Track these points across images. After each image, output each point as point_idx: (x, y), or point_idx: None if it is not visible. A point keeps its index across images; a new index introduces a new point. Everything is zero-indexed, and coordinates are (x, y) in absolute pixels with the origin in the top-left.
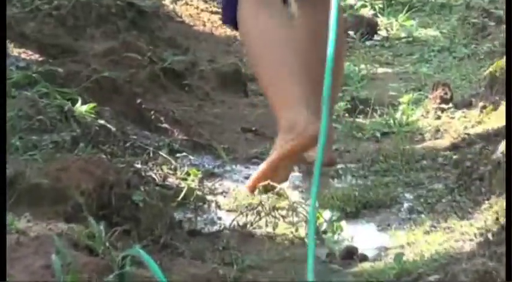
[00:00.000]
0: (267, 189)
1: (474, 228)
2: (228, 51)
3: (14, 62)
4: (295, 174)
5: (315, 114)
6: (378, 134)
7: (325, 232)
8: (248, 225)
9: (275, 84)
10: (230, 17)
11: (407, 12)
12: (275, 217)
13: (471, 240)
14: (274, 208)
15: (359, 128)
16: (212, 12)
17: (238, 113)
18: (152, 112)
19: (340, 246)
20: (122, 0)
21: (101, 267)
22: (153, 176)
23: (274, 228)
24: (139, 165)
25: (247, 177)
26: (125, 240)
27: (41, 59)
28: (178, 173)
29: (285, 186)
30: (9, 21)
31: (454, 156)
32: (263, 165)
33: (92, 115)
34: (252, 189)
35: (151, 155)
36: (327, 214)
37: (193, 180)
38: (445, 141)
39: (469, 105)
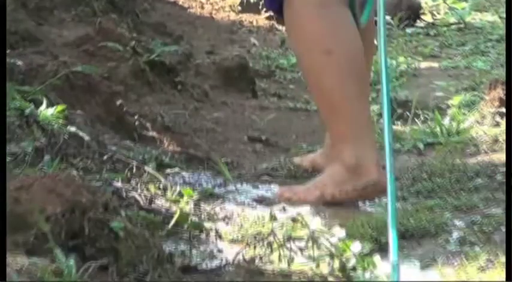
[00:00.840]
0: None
1: None
2: (232, 40)
3: None
4: None
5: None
6: (421, 145)
7: (353, 269)
8: (257, 260)
9: (345, 107)
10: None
11: None
12: (291, 250)
13: None
14: (289, 238)
15: (397, 137)
16: None
17: (245, 118)
18: (136, 117)
19: None
20: None
21: None
22: (137, 197)
23: (289, 264)
24: (119, 184)
25: (256, 200)
26: (102, 278)
27: None
28: (169, 193)
29: (303, 211)
30: None
31: None
32: (310, 196)
33: (60, 120)
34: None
35: (134, 170)
36: (356, 246)
37: (187, 203)
38: (505, 155)
39: None
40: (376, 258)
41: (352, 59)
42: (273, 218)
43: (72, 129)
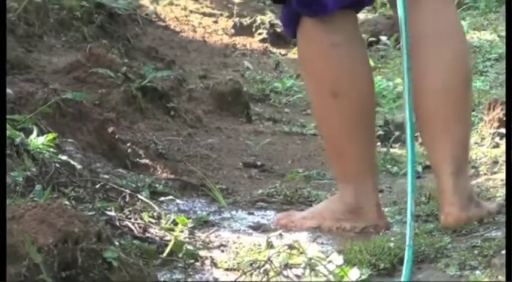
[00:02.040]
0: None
1: None
2: (225, 64)
3: None
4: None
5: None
6: (419, 168)
7: None
8: None
9: (349, 149)
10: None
11: None
12: (288, 277)
13: None
14: (286, 266)
15: (394, 161)
16: (204, 14)
17: (239, 143)
18: (128, 144)
19: None
20: (88, 1)
21: None
22: (131, 226)
23: None
24: (112, 213)
25: (251, 226)
26: None
27: None
28: (163, 221)
29: (300, 238)
30: None
31: None
32: (307, 224)
33: (51, 149)
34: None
35: (127, 199)
36: (354, 272)
37: (181, 231)
38: (505, 176)
39: None
40: None
41: (359, 102)
42: (269, 245)
43: (64, 157)
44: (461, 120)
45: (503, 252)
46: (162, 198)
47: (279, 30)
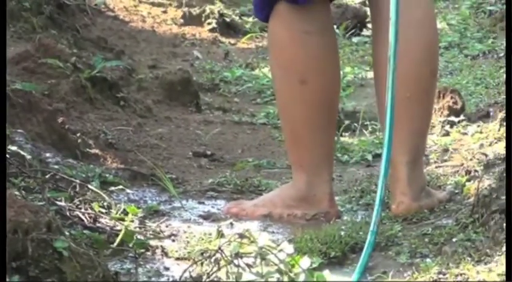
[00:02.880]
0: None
1: (494, 275)
2: (175, 54)
3: None
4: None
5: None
6: (369, 157)
7: None
8: (204, 277)
9: (308, 137)
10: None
11: None
12: (238, 266)
13: None
14: (237, 255)
15: (345, 149)
16: (153, 4)
17: (189, 133)
18: (78, 134)
19: None
20: None
21: None
22: (81, 216)
23: (237, 281)
24: (62, 203)
25: (202, 216)
26: None
27: None
28: (113, 211)
29: (251, 227)
30: None
31: (468, 183)
32: (258, 212)
33: None
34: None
35: (77, 189)
36: (305, 261)
37: (132, 221)
38: (455, 164)
39: (485, 117)
40: (326, 272)
41: (325, 91)
42: (220, 234)
43: (14, 148)
44: (424, 111)
45: (454, 239)
46: (112, 188)
47: (228, 19)
